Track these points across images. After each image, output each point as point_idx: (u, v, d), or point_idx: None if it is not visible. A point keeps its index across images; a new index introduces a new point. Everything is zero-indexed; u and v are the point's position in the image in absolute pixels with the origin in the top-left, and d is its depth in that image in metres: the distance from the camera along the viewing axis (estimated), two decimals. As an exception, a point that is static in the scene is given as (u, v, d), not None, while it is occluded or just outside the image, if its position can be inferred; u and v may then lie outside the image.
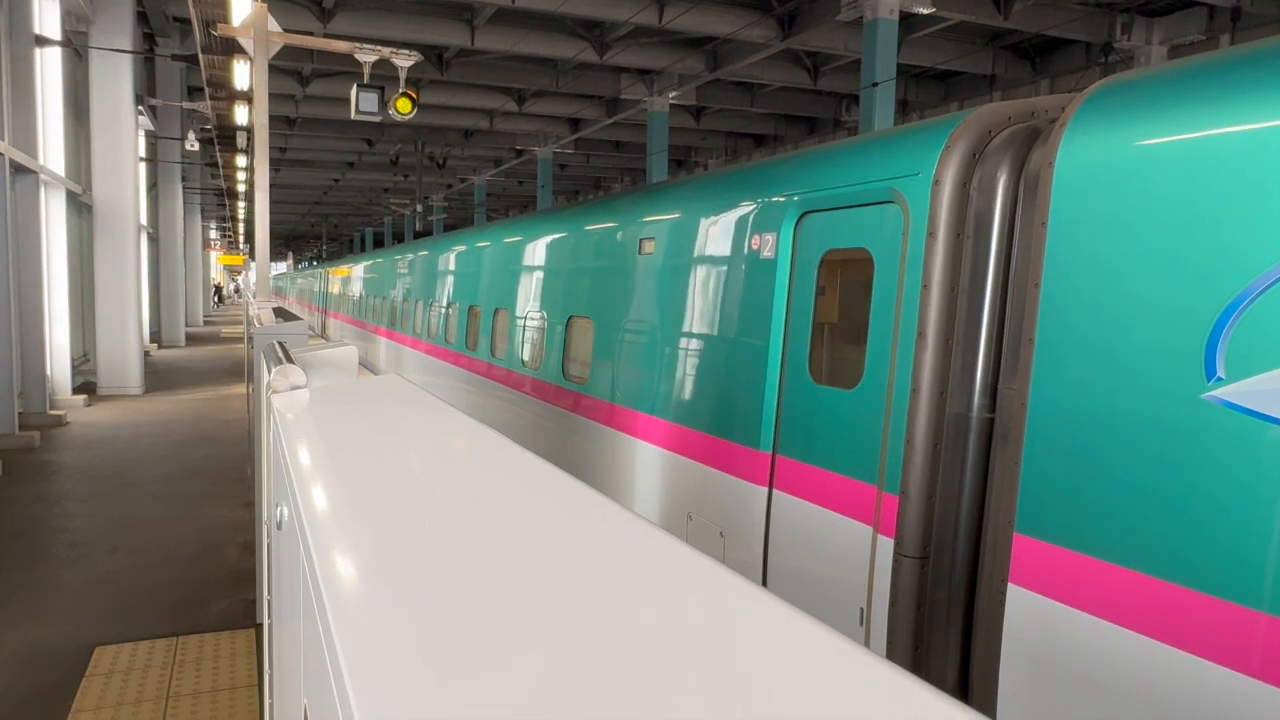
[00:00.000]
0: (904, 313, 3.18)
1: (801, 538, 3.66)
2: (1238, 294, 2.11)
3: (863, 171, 3.52)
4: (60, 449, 9.62)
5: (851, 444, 3.42)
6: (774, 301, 3.93)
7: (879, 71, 13.56)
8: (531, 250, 7.47)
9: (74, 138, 14.74)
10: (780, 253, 3.92)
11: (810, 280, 3.78)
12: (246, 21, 9.13)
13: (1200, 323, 2.19)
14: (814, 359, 3.75)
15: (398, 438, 1.90)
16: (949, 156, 3.10)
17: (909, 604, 3.11)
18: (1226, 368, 2.14)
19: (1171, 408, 2.24)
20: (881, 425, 3.25)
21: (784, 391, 3.85)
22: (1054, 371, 2.57)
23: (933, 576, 3.08)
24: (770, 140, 26.47)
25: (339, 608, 0.84)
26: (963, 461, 3.03)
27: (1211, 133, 2.25)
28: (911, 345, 3.12)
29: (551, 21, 16.70)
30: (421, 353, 11.52)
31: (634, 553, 0.99)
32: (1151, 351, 2.31)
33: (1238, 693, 2.07)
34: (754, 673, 0.67)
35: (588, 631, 0.76)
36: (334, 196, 44.96)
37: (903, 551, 3.11)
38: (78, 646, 4.55)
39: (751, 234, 4.14)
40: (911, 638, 3.14)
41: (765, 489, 3.88)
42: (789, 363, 3.85)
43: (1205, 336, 2.18)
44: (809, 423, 3.68)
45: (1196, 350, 2.20)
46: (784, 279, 3.91)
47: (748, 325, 4.10)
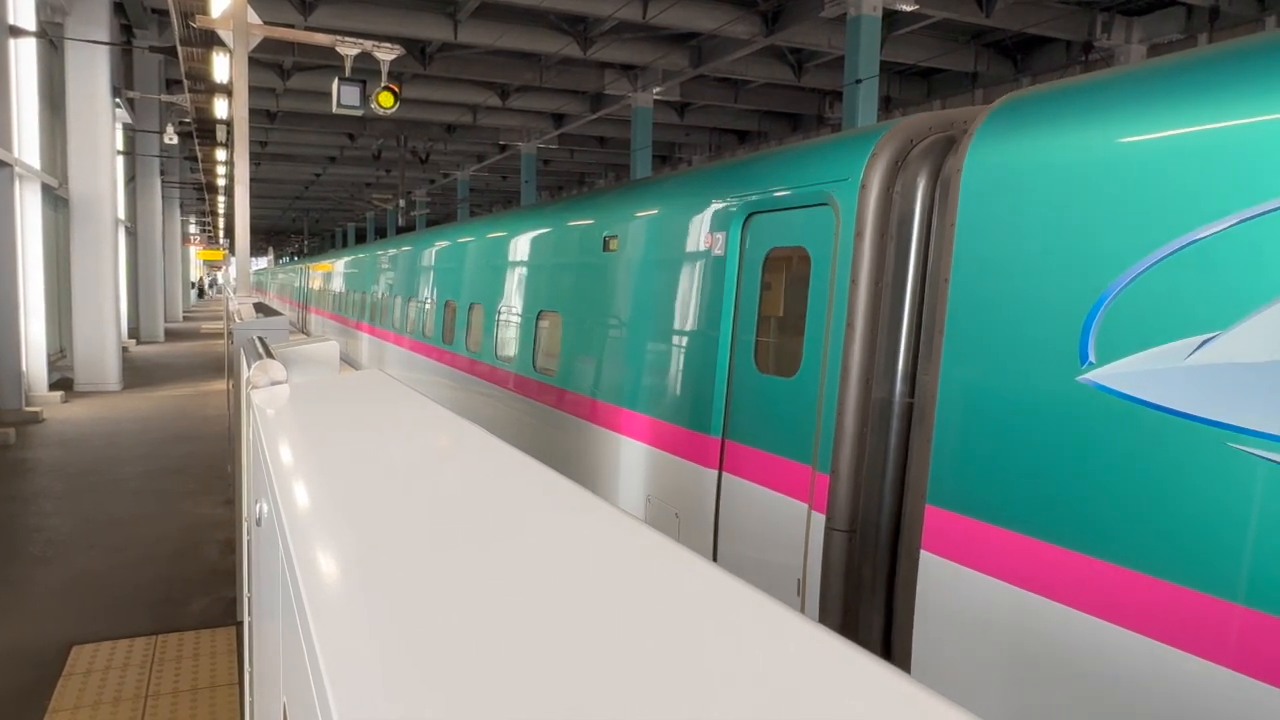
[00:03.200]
0: (836, 306, 3.47)
1: (747, 517, 3.95)
2: (1105, 289, 2.41)
3: (800, 176, 3.82)
4: (36, 446, 9.50)
5: (790, 428, 3.70)
6: (724, 296, 4.22)
7: (862, 68, 13.61)
8: (502, 247, 7.74)
9: (49, 130, 14.54)
10: (729, 251, 4.22)
11: (756, 276, 4.08)
12: (226, 13, 9.04)
13: (1076, 314, 2.48)
14: (759, 350, 4.04)
15: (378, 433, 1.89)
16: (875, 163, 3.39)
17: (839, 574, 3.40)
18: (1096, 353, 2.43)
19: (1054, 389, 2.54)
20: (816, 411, 3.54)
21: (732, 380, 4.13)
22: (959, 358, 2.86)
23: (860, 548, 3.36)
24: (754, 136, 26.52)
25: (317, 605, 0.83)
26: (886, 442, 3.29)
27: (1088, 147, 2.55)
28: (842, 336, 3.42)
29: (535, 16, 16.64)
30: (397, 346, 11.98)
31: (616, 547, 0.98)
32: (1039, 339, 2.60)
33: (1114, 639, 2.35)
34: (747, 669, 0.67)
35: (569, 626, 0.76)
36: (315, 191, 44.63)
37: (833, 526, 3.41)
38: (54, 645, 4.50)
39: (704, 233, 4.43)
40: (841, 605, 3.42)
41: (716, 472, 4.16)
42: (737, 353, 4.14)
43: (1080, 326, 2.47)
44: (754, 409, 3.97)
45: (1073, 338, 2.49)
46: (733, 275, 4.20)
47: (701, 318, 4.40)
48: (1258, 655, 2.03)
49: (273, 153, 31.26)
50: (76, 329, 13.82)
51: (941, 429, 2.90)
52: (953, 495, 2.83)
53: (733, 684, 0.65)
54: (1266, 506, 2.01)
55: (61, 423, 10.95)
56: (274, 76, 20.33)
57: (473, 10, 16.04)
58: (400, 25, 15.99)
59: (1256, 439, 2.04)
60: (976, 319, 2.81)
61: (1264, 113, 2.11)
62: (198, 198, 42.53)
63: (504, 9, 16.29)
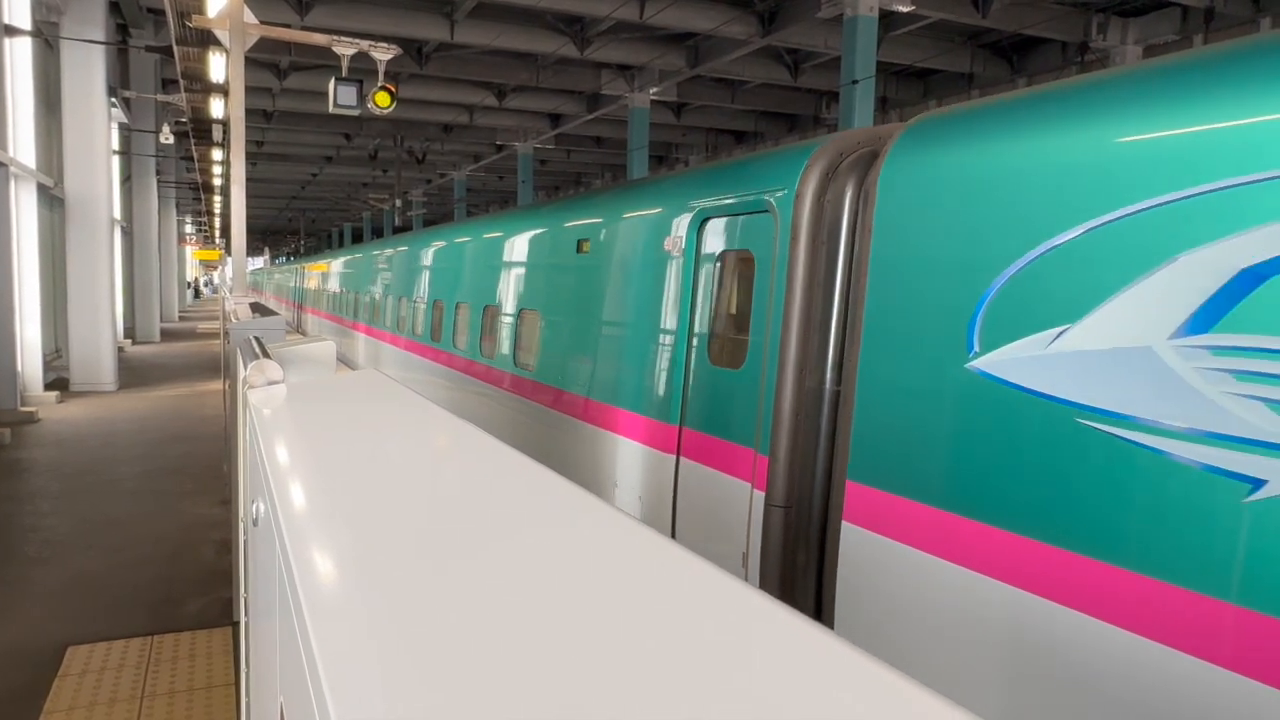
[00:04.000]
0: (776, 304, 3.83)
1: (700, 497, 4.33)
2: (987, 288, 2.79)
3: (745, 186, 4.20)
4: (32, 446, 9.47)
5: (737, 415, 4.09)
6: (682, 295, 4.61)
7: (859, 69, 13.62)
8: (484, 249, 8.19)
9: (45, 130, 14.50)
10: (686, 253, 4.61)
11: (708, 277, 4.48)
12: (222, 13, 9.02)
13: (965, 310, 2.85)
14: (712, 344, 4.42)
15: (375, 433, 1.89)
16: (808, 175, 3.76)
17: (777, 545, 3.76)
18: (980, 344, 2.80)
19: (948, 376, 2.91)
20: (758, 399, 3.90)
21: (688, 372, 4.52)
22: (873, 350, 3.26)
23: (795, 522, 3.73)
24: (751, 137, 26.53)
25: (314, 604, 0.83)
26: (818, 426, 3.67)
27: (973, 164, 2.94)
28: (778, 332, 3.80)
29: (532, 16, 16.63)
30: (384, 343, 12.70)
31: (614, 547, 0.98)
32: (937, 332, 2.97)
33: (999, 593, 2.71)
34: (746, 669, 0.67)
35: (567, 626, 0.76)
36: (312, 191, 44.56)
37: (771, 502, 3.76)
38: (50, 646, 4.49)
39: (664, 236, 4.83)
40: (779, 574, 3.77)
41: (674, 456, 4.55)
42: (693, 347, 4.52)
43: (968, 320, 2.85)
44: (707, 398, 4.35)
45: (962, 331, 2.87)
46: (689, 276, 4.58)
47: (661, 316, 4.78)
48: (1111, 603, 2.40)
49: (269, 152, 31.20)
50: (72, 329, 13.78)
51: (859, 412, 3.31)
52: (868, 471, 3.23)
53: (731, 683, 0.65)
54: (1107, 471, 2.39)
55: (57, 423, 10.92)
56: (270, 76, 20.29)
57: (469, 10, 16.03)
58: (397, 25, 15.97)
59: (1098, 414, 2.43)
60: (887, 314, 3.22)
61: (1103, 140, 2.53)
62: (194, 197, 42.45)
63: (501, 9, 16.28)
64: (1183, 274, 2.26)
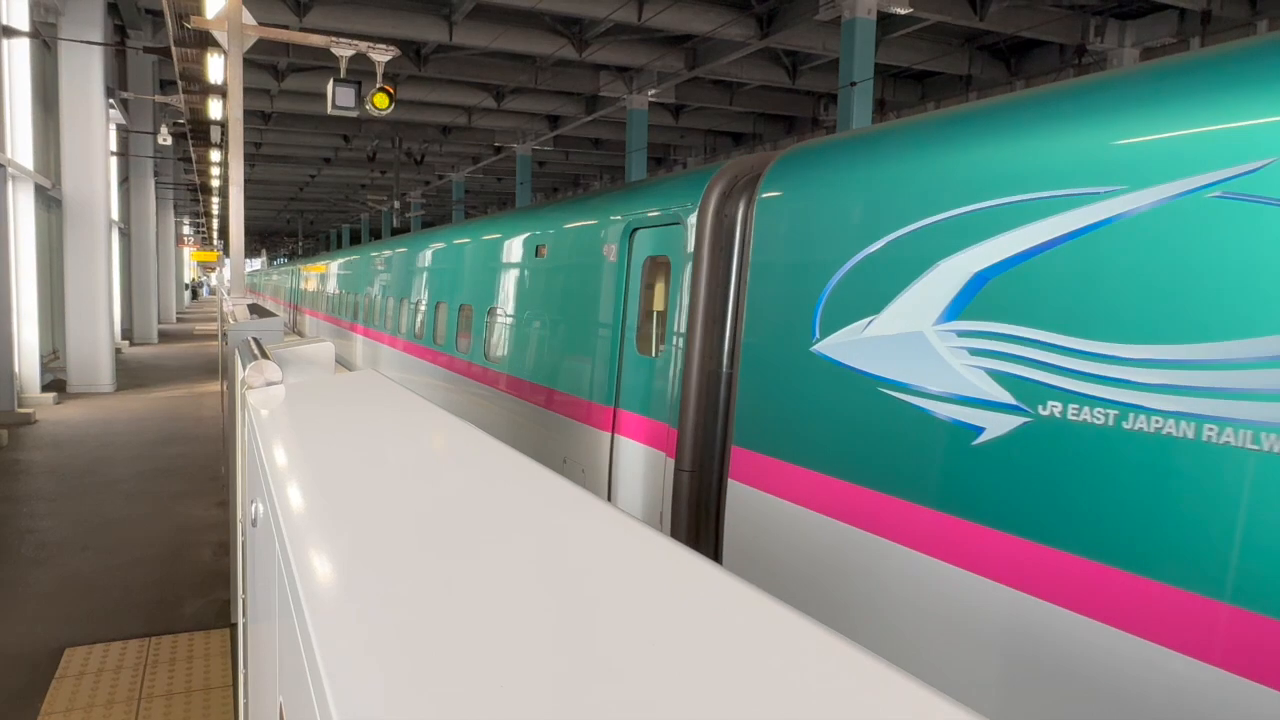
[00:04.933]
0: (686, 302, 4.52)
1: (630, 468, 5.04)
2: (824, 287, 3.50)
3: (664, 202, 4.93)
4: (29, 447, 9.46)
5: (656, 396, 4.82)
6: (616, 294, 5.32)
7: (857, 71, 13.64)
8: (458, 253, 9.02)
9: (43, 131, 14.49)
10: (620, 258, 5.32)
11: (638, 279, 5.16)
12: (220, 14, 9.02)
13: (811, 304, 3.57)
14: (639, 336, 5.12)
15: (374, 433, 1.89)
16: (709, 194, 4.47)
17: (684, 504, 4.43)
18: (819, 332, 3.52)
19: (800, 358, 3.61)
20: (671, 382, 4.62)
21: (622, 361, 5.22)
22: (752, 337, 3.97)
23: (699, 484, 4.40)
24: (749, 138, 26.55)
25: (315, 604, 0.82)
26: (716, 402, 4.35)
27: (819, 187, 3.68)
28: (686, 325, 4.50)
29: (530, 18, 16.64)
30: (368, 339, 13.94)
31: (612, 546, 0.98)
32: (793, 322, 3.67)
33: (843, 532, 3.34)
34: (745, 667, 0.67)
35: (567, 625, 0.76)
36: (310, 193, 44.54)
37: (680, 467, 4.44)
38: (47, 648, 4.48)
39: (604, 244, 5.54)
40: (686, 530, 4.39)
41: (609, 434, 5.26)
42: (625, 339, 5.22)
43: (812, 312, 3.56)
44: (635, 383, 5.08)
45: (809, 321, 3.58)
46: (622, 277, 5.29)
47: (602, 312, 5.49)
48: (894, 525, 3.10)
49: (267, 154, 31.19)
50: (70, 330, 13.76)
51: (741, 390, 4.01)
52: (747, 437, 3.93)
53: (732, 682, 0.65)
54: (896, 426, 3.10)
55: (54, 424, 10.91)
56: (269, 78, 20.29)
57: (468, 12, 16.04)
58: (395, 26, 15.98)
59: (891, 384, 3.15)
60: (761, 309, 3.92)
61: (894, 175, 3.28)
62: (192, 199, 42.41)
63: (499, 10, 16.29)
64: (939, 277, 2.98)
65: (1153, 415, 2.31)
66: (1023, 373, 2.66)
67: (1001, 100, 3.12)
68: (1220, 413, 2.16)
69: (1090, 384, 2.48)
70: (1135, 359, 2.36)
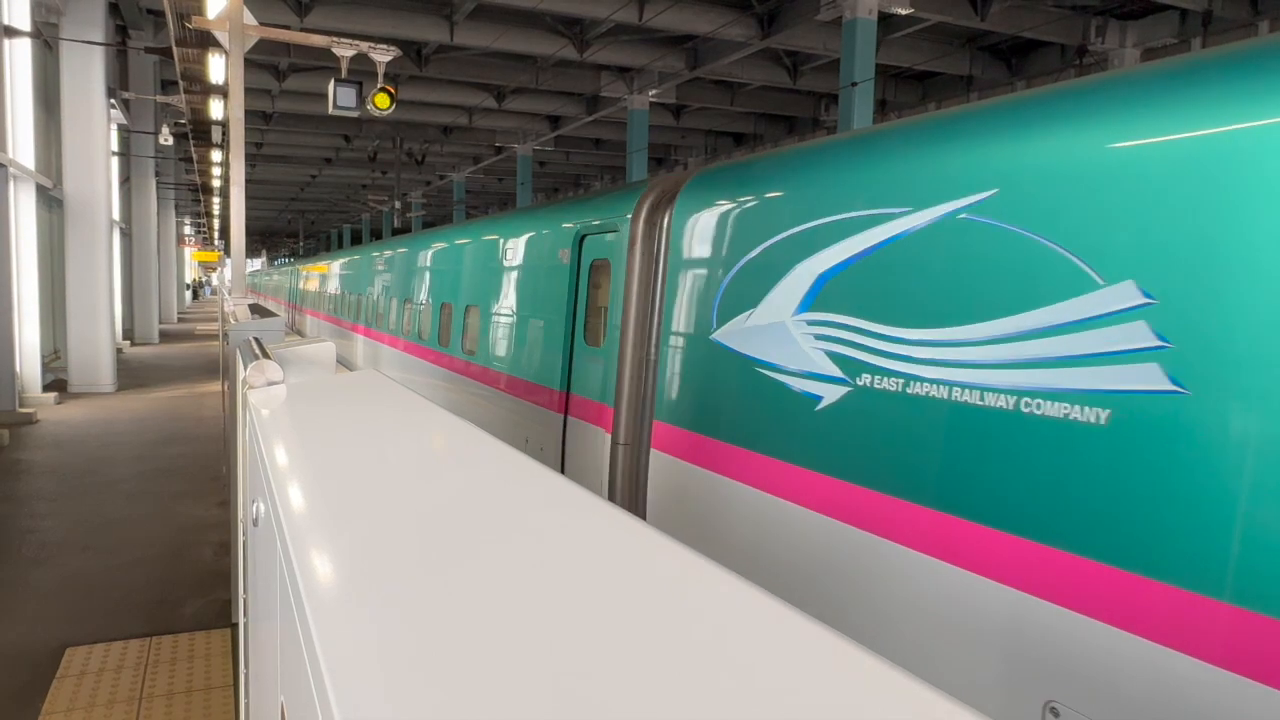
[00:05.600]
0: (622, 299, 5.20)
1: (579, 445, 5.69)
2: (721, 285, 4.20)
3: (606, 212, 5.65)
4: (30, 447, 9.46)
5: (599, 381, 5.47)
6: (569, 292, 6.04)
7: (858, 71, 13.64)
8: (438, 256, 9.97)
9: (44, 131, 14.50)
10: (571, 261, 6.05)
11: (586, 279, 5.87)
12: (221, 14, 9.02)
13: (711, 299, 4.26)
14: (587, 329, 5.81)
15: (375, 433, 1.89)
16: (641, 206, 5.20)
17: (619, 474, 5.10)
18: (716, 322, 4.20)
19: (702, 344, 4.31)
20: (612, 368, 5.26)
21: (572, 351, 5.93)
22: (669, 326, 4.64)
23: (631, 455, 5.05)
24: (750, 139, 26.54)
25: (317, 604, 0.82)
26: (644, 384, 5.00)
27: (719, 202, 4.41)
28: (625, 325, 5.15)
29: (531, 18, 16.64)
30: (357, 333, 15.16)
31: (614, 545, 0.98)
32: (700, 314, 4.36)
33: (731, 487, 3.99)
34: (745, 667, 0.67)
35: (569, 624, 0.75)
36: (311, 193, 44.56)
37: (616, 441, 5.12)
38: (48, 647, 4.48)
39: (558, 248, 6.28)
40: (623, 497, 4.99)
41: (561, 415, 5.97)
42: (575, 332, 5.92)
43: (713, 306, 4.25)
44: (582, 370, 5.75)
45: (710, 313, 4.27)
46: (573, 278, 6.01)
47: (556, 308, 6.20)
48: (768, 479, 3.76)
49: (268, 154, 31.20)
50: (71, 330, 13.77)
51: (660, 372, 4.72)
52: (666, 412, 4.64)
53: (729, 681, 0.65)
54: (767, 398, 3.79)
55: (56, 424, 10.91)
56: (270, 78, 20.30)
57: (469, 12, 16.04)
58: (396, 27, 15.98)
59: (764, 364, 3.84)
60: (675, 304, 4.63)
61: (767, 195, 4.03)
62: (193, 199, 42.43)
63: (500, 11, 16.30)
64: (795, 278, 3.70)
65: (924, 382, 3.03)
66: (846, 352, 3.41)
67: (843, 136, 3.95)
68: (965, 379, 2.87)
69: (887, 360, 3.20)
70: (913, 340, 3.09)
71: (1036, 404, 2.63)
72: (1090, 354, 2.51)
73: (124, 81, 18.93)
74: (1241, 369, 2.15)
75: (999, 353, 2.76)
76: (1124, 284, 2.45)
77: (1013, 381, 2.71)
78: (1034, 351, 2.66)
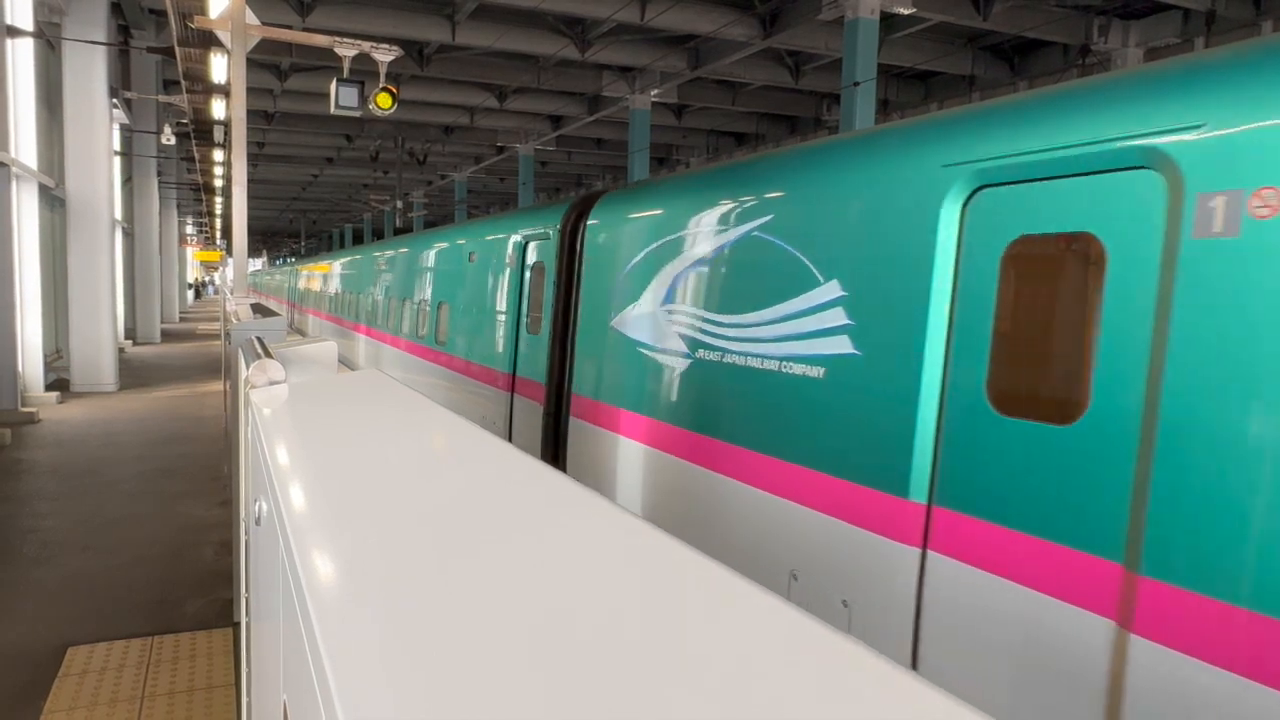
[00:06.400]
0: (554, 295, 6.29)
1: (523, 420, 6.80)
2: (613, 283, 5.30)
3: (542, 222, 6.79)
4: (32, 447, 9.47)
5: (536, 363, 6.58)
6: (515, 290, 7.18)
7: (860, 71, 13.63)
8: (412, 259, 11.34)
9: (47, 131, 14.51)
10: (516, 264, 7.24)
11: (527, 279, 7.00)
12: (224, 14, 9.03)
13: (609, 294, 5.36)
14: (529, 320, 6.87)
15: (378, 432, 1.89)
16: (566, 219, 6.28)
17: (547, 441, 6.22)
18: (613, 313, 5.28)
19: (606, 330, 5.38)
20: (545, 352, 6.35)
21: (518, 339, 7.05)
22: (582, 315, 5.76)
23: (556, 423, 6.13)
24: (752, 138, 26.53)
25: (320, 603, 0.82)
26: (565, 364, 6.05)
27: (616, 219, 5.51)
28: (554, 315, 6.22)
29: (533, 17, 16.64)
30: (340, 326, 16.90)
31: (617, 545, 0.98)
32: (603, 305, 5.44)
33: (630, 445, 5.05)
34: (745, 667, 0.67)
35: (573, 624, 0.75)
36: (313, 192, 44.59)
37: (546, 411, 6.29)
38: (50, 646, 4.48)
39: (508, 253, 7.48)
40: (553, 462, 5.87)
41: (509, 394, 7.13)
42: (520, 323, 7.03)
43: (610, 299, 5.35)
44: (525, 355, 6.87)
45: (609, 304, 5.36)
46: (518, 278, 7.17)
47: (507, 305, 7.35)
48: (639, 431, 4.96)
49: (270, 154, 31.22)
50: (73, 329, 13.78)
51: (576, 353, 5.83)
52: (578, 386, 5.77)
53: (728, 682, 0.64)
54: (644, 367, 4.88)
55: (57, 423, 10.93)
56: (272, 77, 20.31)
57: (471, 12, 16.04)
58: (398, 26, 15.98)
59: (643, 345, 4.93)
60: (586, 299, 5.74)
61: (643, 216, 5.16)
62: (195, 198, 42.47)
63: (502, 10, 16.30)
64: (661, 278, 4.79)
65: (731, 354, 4.15)
66: (689, 334, 4.50)
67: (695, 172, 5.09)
68: (754, 350, 3.97)
69: (711, 338, 4.30)
70: (727, 323, 4.19)
71: (790, 365, 3.76)
72: (817, 330, 3.62)
73: (126, 81, 18.94)
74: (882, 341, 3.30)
75: (771, 331, 3.90)
76: (831, 282, 3.58)
77: (778, 351, 3.84)
78: (789, 329, 3.78)
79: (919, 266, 3.13)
